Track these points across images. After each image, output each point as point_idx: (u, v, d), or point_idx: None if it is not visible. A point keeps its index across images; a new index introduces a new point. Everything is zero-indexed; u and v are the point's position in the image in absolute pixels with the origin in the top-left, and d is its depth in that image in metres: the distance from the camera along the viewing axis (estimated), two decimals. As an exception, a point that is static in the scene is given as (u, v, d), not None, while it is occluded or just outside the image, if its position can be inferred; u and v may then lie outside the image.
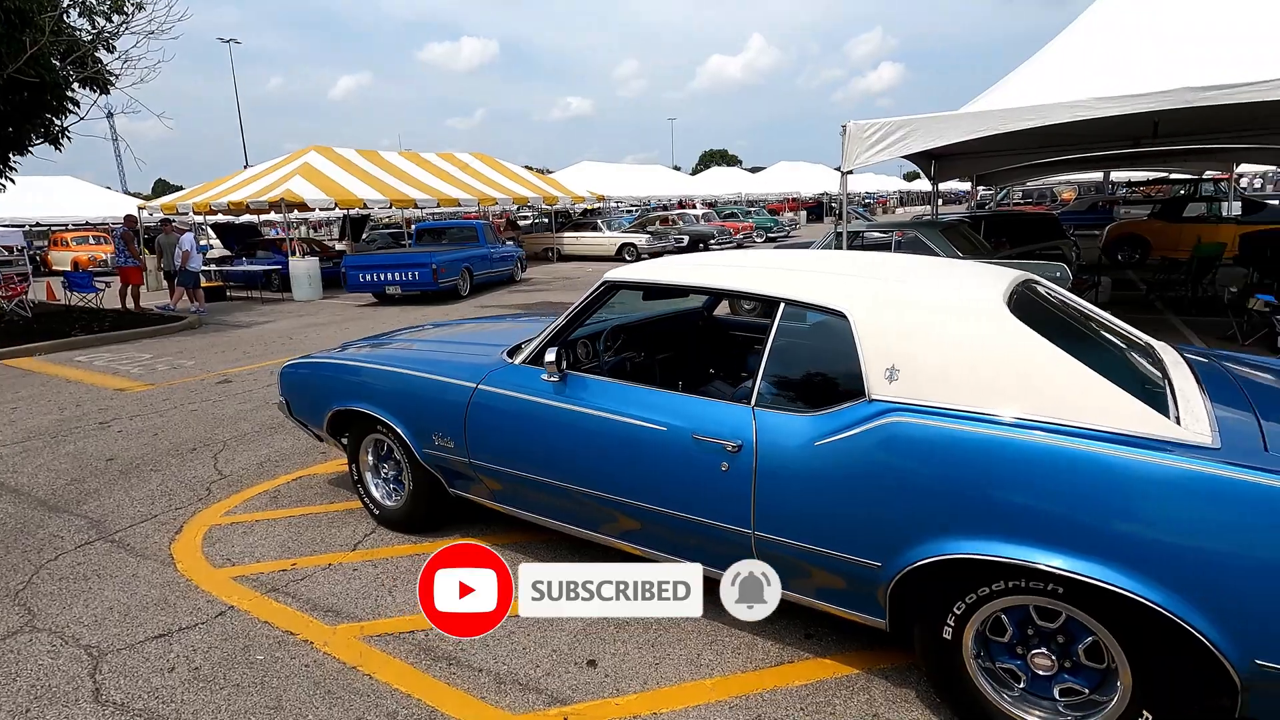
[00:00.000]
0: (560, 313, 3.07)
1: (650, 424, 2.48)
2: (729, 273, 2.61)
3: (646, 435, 2.49)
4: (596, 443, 2.62)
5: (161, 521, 3.81)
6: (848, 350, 2.20)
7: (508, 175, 22.16)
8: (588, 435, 2.64)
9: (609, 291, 2.83)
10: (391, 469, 3.58)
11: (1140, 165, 22.25)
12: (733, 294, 2.49)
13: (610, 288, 2.82)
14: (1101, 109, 6.52)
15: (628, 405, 2.57)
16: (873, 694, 2.31)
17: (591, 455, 2.64)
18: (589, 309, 2.85)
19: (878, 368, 2.11)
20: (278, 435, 5.31)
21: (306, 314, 12.58)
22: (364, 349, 3.84)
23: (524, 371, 2.90)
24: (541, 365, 2.86)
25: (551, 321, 3.98)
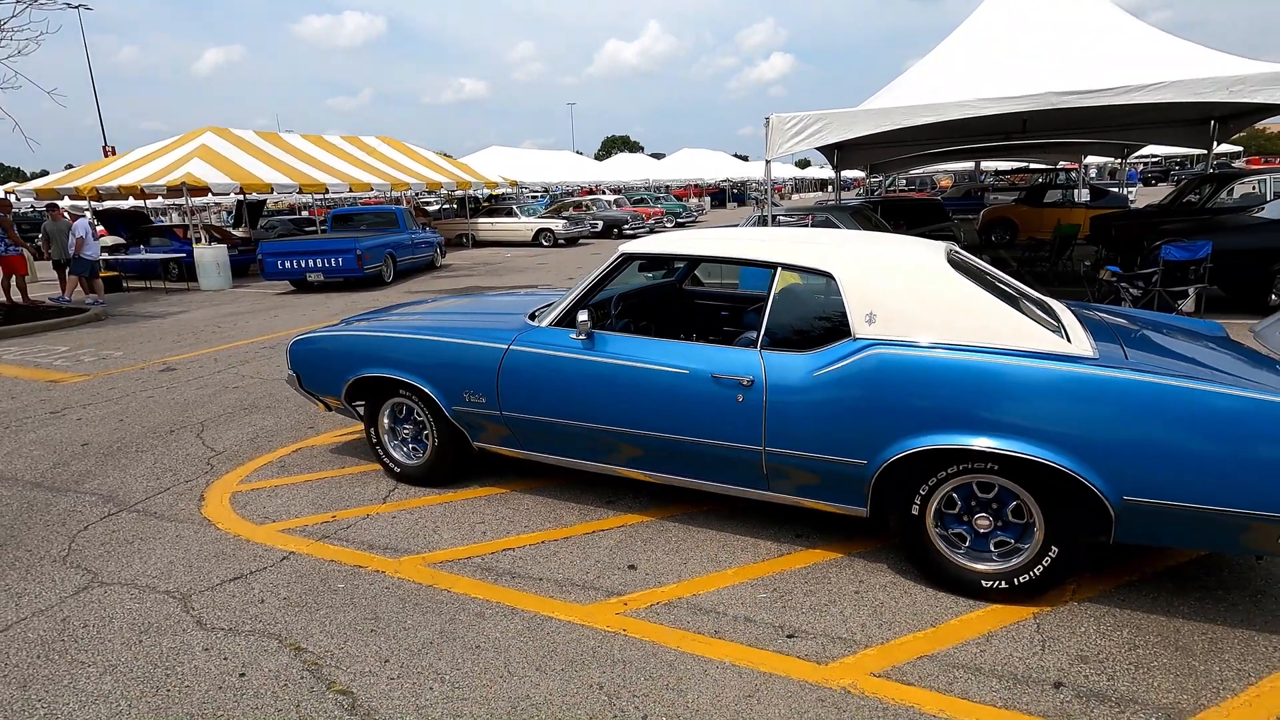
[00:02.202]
0: (578, 282, 3.55)
1: (674, 369, 3.04)
2: (731, 244, 3.18)
3: (671, 378, 3.04)
4: (626, 387, 3.14)
5: (178, 493, 3.98)
6: (834, 302, 2.84)
7: (418, 160, 21.78)
8: (618, 382, 3.15)
9: (625, 262, 3.34)
10: (410, 429, 3.94)
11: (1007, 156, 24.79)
12: (737, 261, 3.06)
13: (626, 259, 3.33)
14: (985, 108, 7.59)
15: (653, 354, 3.11)
16: (856, 569, 2.99)
17: (622, 398, 3.16)
18: (608, 278, 3.35)
19: (859, 314, 2.77)
20: (256, 414, 5.44)
21: (222, 303, 12.14)
22: (378, 323, 4.14)
23: (552, 332, 3.37)
24: (568, 326, 3.36)
25: (555, 292, 4.47)
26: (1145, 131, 12.53)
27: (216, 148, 15.70)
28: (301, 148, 18.42)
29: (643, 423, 3.15)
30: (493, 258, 18.42)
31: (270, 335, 8.85)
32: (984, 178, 34.02)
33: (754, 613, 2.69)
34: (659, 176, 39.42)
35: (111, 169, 15.57)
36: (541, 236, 21.23)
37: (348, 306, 11.04)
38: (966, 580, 2.72)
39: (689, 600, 2.79)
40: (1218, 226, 8.65)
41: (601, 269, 3.36)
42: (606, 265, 3.35)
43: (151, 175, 14.42)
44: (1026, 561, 2.63)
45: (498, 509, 3.64)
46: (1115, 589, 2.78)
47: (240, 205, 20.83)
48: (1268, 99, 6.66)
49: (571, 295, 3.40)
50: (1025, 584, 2.64)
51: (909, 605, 2.72)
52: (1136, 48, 8.68)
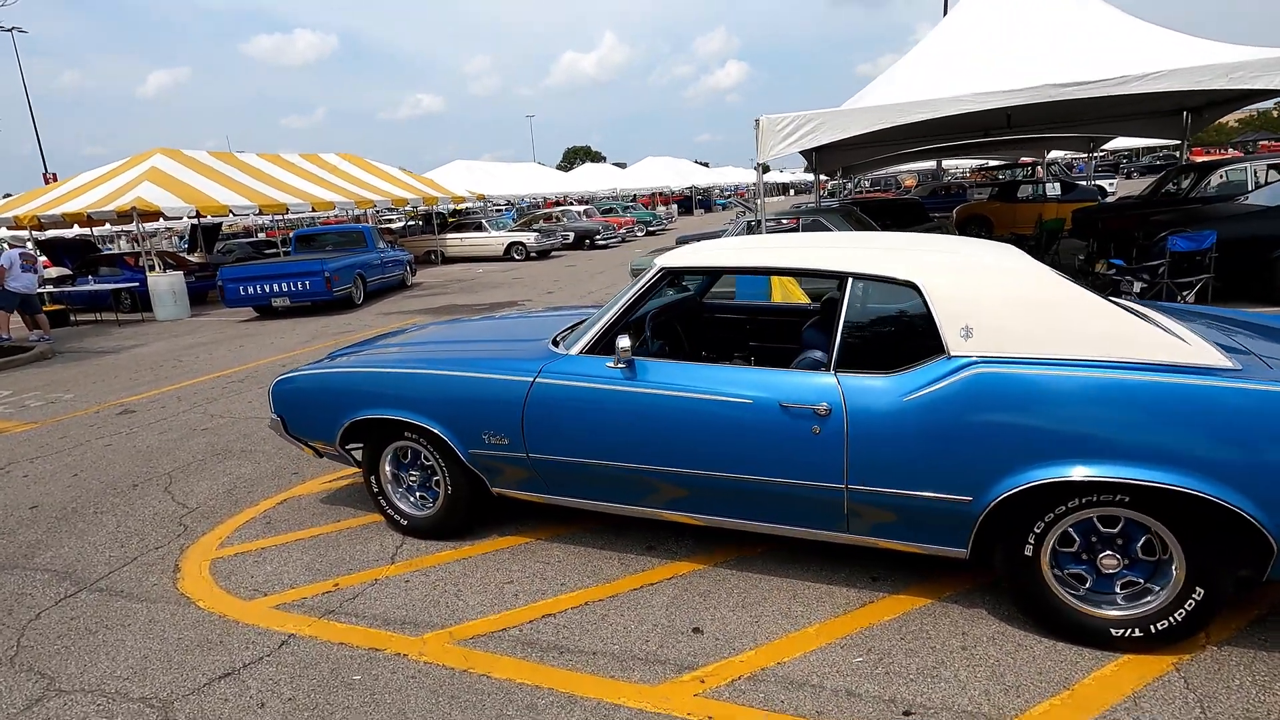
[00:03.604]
0: (609, 303, 3.14)
1: (733, 398, 2.64)
2: (789, 253, 2.80)
3: (730, 410, 2.64)
4: (677, 422, 2.73)
5: (148, 564, 3.44)
6: (917, 315, 2.48)
7: (381, 176, 21.11)
8: (667, 416, 2.74)
9: (664, 278, 2.94)
10: (417, 476, 3.47)
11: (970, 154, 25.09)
12: (798, 272, 2.69)
13: (665, 275, 2.93)
14: (981, 103, 7.40)
15: (705, 382, 2.71)
16: (952, 617, 2.62)
17: (671, 434, 2.75)
18: (644, 297, 2.95)
19: (953, 328, 2.41)
20: (230, 461, 4.89)
21: (181, 334, 11.40)
22: (372, 355, 3.66)
23: (584, 361, 2.95)
24: (602, 353, 2.94)
25: (572, 310, 4.03)
26: (1120, 124, 12.60)
27: (168, 170, 14.89)
28: (259, 167, 17.65)
29: (696, 461, 2.74)
30: (465, 274, 17.86)
31: (238, 367, 8.22)
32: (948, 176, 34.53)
33: (855, 684, 2.30)
34: (624, 186, 39.14)
35: (54, 195, 14.64)
36: (513, 250, 20.72)
37: (318, 332, 10.42)
38: (1091, 628, 2.37)
39: (775, 671, 2.38)
40: (1210, 216, 8.60)
41: (636, 287, 2.95)
42: (642, 283, 2.95)
43: (98, 201, 13.58)
44: (1164, 605, 2.28)
45: (525, 563, 3.20)
46: (1248, 627, 2.46)
47: (195, 229, 19.90)
48: (1267, 84, 6.58)
49: (603, 318, 2.99)
50: (1164, 631, 2.29)
51: (1028, 661, 2.35)
52: (1120, 38, 8.61)
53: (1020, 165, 30.32)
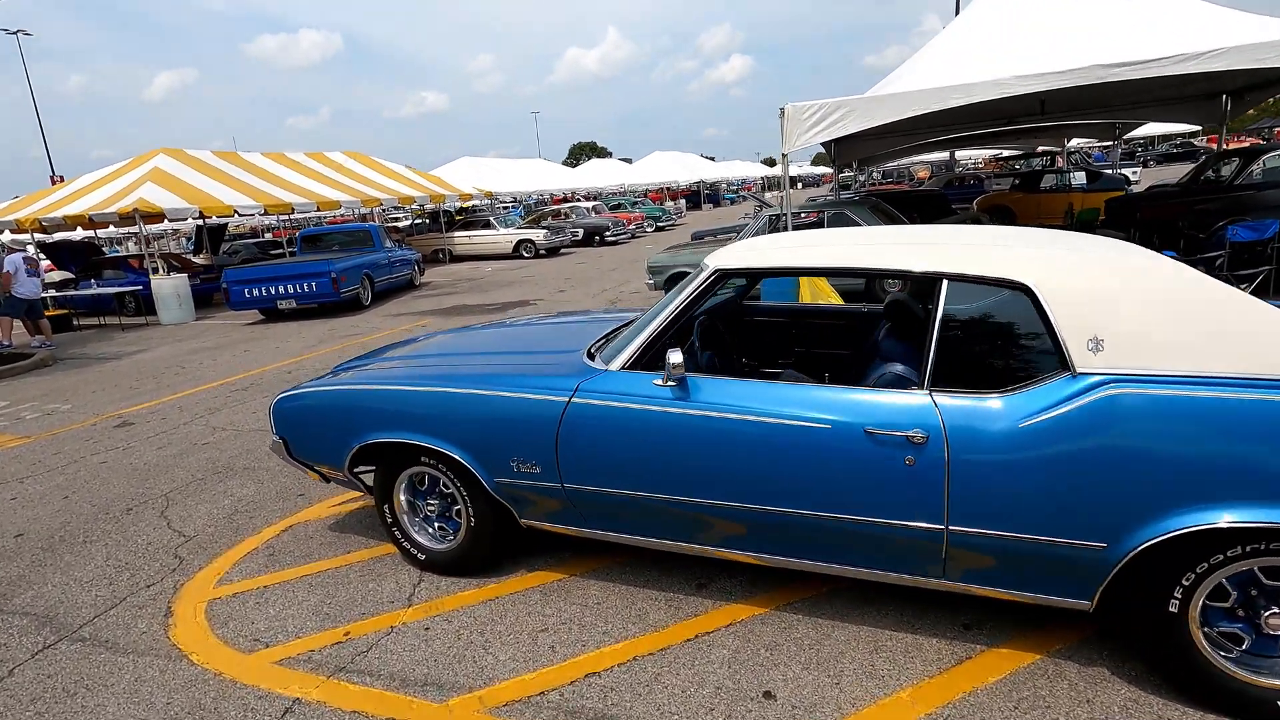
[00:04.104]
0: (652, 311, 2.75)
1: (808, 423, 2.25)
2: (868, 251, 2.41)
3: (803, 436, 2.25)
4: (739, 449, 2.35)
5: (137, 606, 3.09)
6: (1032, 324, 2.08)
7: (388, 174, 20.78)
8: (727, 442, 2.36)
9: (719, 281, 2.55)
10: (436, 505, 3.10)
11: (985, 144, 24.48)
12: (880, 272, 2.30)
13: (721, 278, 2.54)
14: (1022, 86, 6.94)
15: (771, 404, 2.32)
16: (1068, 678, 2.22)
17: (732, 464, 2.37)
18: (695, 304, 2.56)
19: (1078, 340, 2.01)
20: (232, 480, 4.53)
21: (186, 338, 11.09)
22: (382, 370, 3.29)
23: (626, 378, 2.56)
24: (648, 368, 2.56)
25: (604, 314, 3.65)
26: (1154, 109, 12.08)
27: (171, 170, 14.58)
28: (263, 166, 17.34)
29: (761, 495, 2.36)
30: (474, 273, 17.50)
31: (242, 374, 7.88)
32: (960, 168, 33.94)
33: (971, 770, 1.91)
34: (632, 181, 38.68)
35: (55, 198, 14.36)
36: (522, 248, 20.36)
37: (325, 335, 10.08)
38: (1254, 698, 1.97)
39: (870, 752, 2.00)
40: (1266, 204, 8.13)
41: (686, 293, 2.56)
42: (693, 288, 2.55)
43: (100, 203, 13.27)
44: (1347, 675, 1.89)
45: (560, 606, 2.82)
46: None
47: (200, 230, 19.65)
48: (1339, 61, 6.11)
49: (647, 328, 2.60)
50: (1348, 706, 1.89)
51: (1176, 740, 1.96)
52: (1163, 14, 8.13)
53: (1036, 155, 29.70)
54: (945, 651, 2.39)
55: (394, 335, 9.52)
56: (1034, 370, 2.08)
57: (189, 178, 14.65)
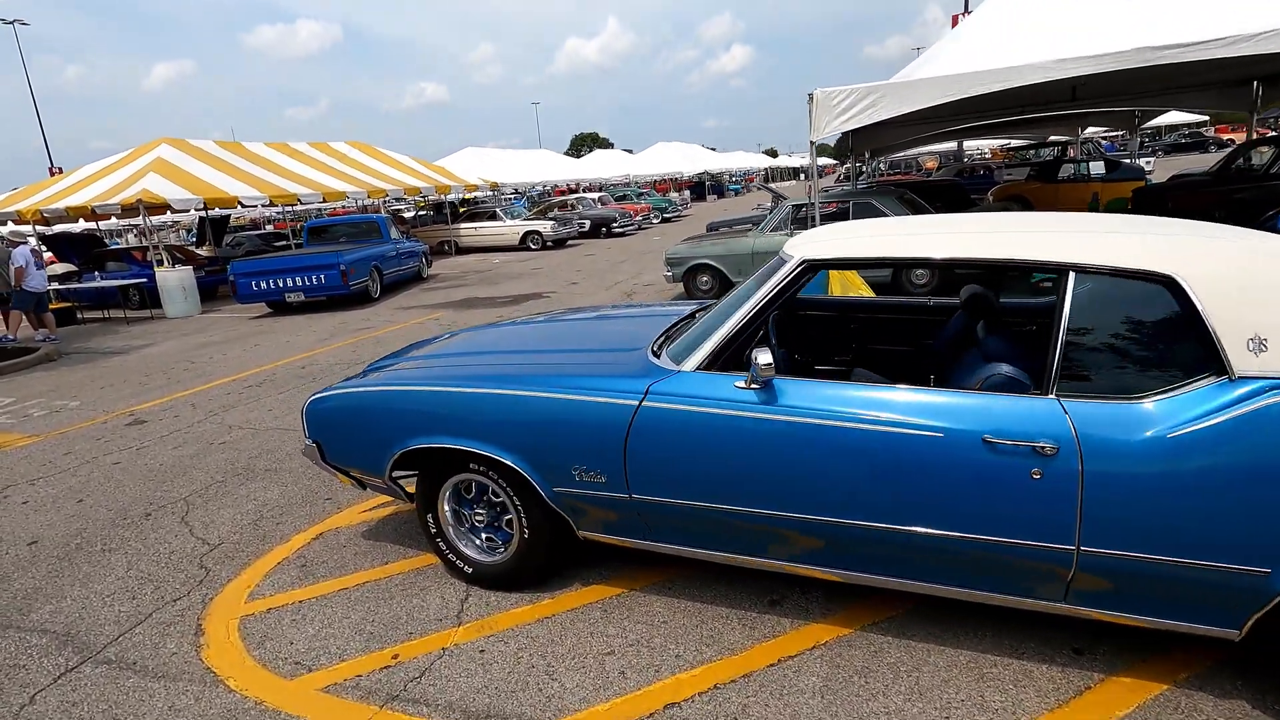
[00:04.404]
0: (728, 305, 2.53)
1: (916, 430, 2.03)
2: (978, 241, 2.18)
3: (912, 444, 2.04)
4: (835, 459, 2.13)
5: (164, 623, 2.87)
6: (1178, 321, 1.86)
7: (393, 164, 20.48)
8: (821, 451, 2.14)
9: (807, 273, 2.32)
10: (484, 514, 2.88)
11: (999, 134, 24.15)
12: (998, 263, 2.07)
13: (809, 269, 2.31)
14: (1063, 70, 6.69)
15: (874, 409, 2.10)
16: (1205, 711, 2.01)
17: (827, 475, 2.15)
18: (779, 298, 2.33)
19: (1236, 339, 1.79)
20: (254, 483, 4.32)
21: (192, 332, 10.86)
22: (424, 369, 3.07)
23: (703, 379, 2.34)
24: (727, 369, 2.34)
25: (661, 307, 3.41)
26: (1184, 95, 11.79)
27: (174, 160, 14.31)
28: (267, 156, 17.05)
29: (856, 509, 2.15)
30: (481, 264, 17.26)
31: (254, 369, 7.66)
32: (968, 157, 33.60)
33: (1122, 824, 1.70)
34: (636, 172, 38.33)
35: (57, 189, 14.09)
36: (529, 239, 20.10)
37: (336, 329, 9.85)
38: None
39: (1001, 801, 1.79)
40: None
41: (769, 286, 2.33)
42: (778, 280, 2.33)
43: (102, 194, 13.02)
44: None
45: (623, 625, 2.61)
46: None
47: (203, 222, 19.37)
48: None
49: (724, 325, 2.37)
50: None
51: (1345, 787, 1.75)
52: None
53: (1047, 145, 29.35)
54: (1060, 681, 2.18)
55: (407, 329, 9.30)
56: (1177, 374, 1.86)
57: (192, 168, 14.38)
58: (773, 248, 9.16)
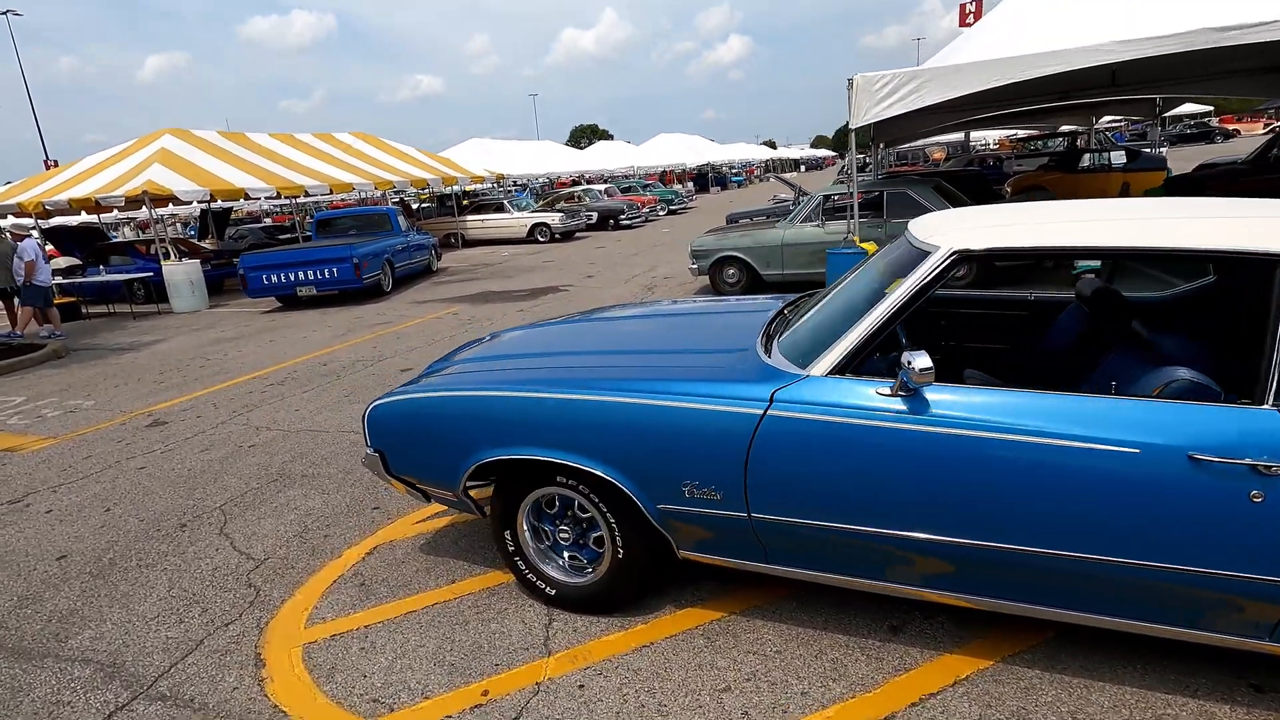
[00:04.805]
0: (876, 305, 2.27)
1: (1104, 445, 1.78)
2: (1171, 229, 1.92)
3: (1101, 461, 1.78)
4: (1001, 477, 1.88)
5: (218, 651, 2.62)
6: None
7: (398, 156, 20.12)
8: (985, 468, 1.89)
9: (956, 265, 2.06)
10: (569, 531, 2.63)
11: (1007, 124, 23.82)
12: (1197, 256, 1.82)
13: (961, 259, 2.05)
14: (1121, 52, 6.42)
15: (1054, 422, 1.84)
16: None
17: (989, 494, 1.90)
18: (927, 291, 2.07)
19: None
20: (291, 489, 4.06)
21: (202, 327, 10.56)
22: (496, 371, 2.81)
23: (837, 385, 2.08)
24: (858, 374, 2.08)
25: (757, 303, 3.13)
26: (1217, 81, 11.51)
27: (178, 151, 13.95)
28: (271, 148, 16.69)
29: (1019, 532, 1.90)
30: (490, 258, 16.97)
31: (274, 366, 7.38)
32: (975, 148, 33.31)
33: None
34: (640, 163, 37.94)
35: (59, 181, 13.74)
36: (537, 232, 19.80)
37: (352, 324, 9.57)
38: None
39: None
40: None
41: (915, 280, 2.07)
42: (924, 274, 2.06)
43: (106, 185, 12.67)
44: None
45: (733, 656, 2.36)
46: None
47: (204, 214, 19.01)
48: None
49: (861, 324, 2.11)
50: None
51: None
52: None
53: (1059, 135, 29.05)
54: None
55: (425, 324, 9.02)
56: None
57: (197, 159, 14.03)
58: (803, 240, 8.90)
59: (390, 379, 6.34)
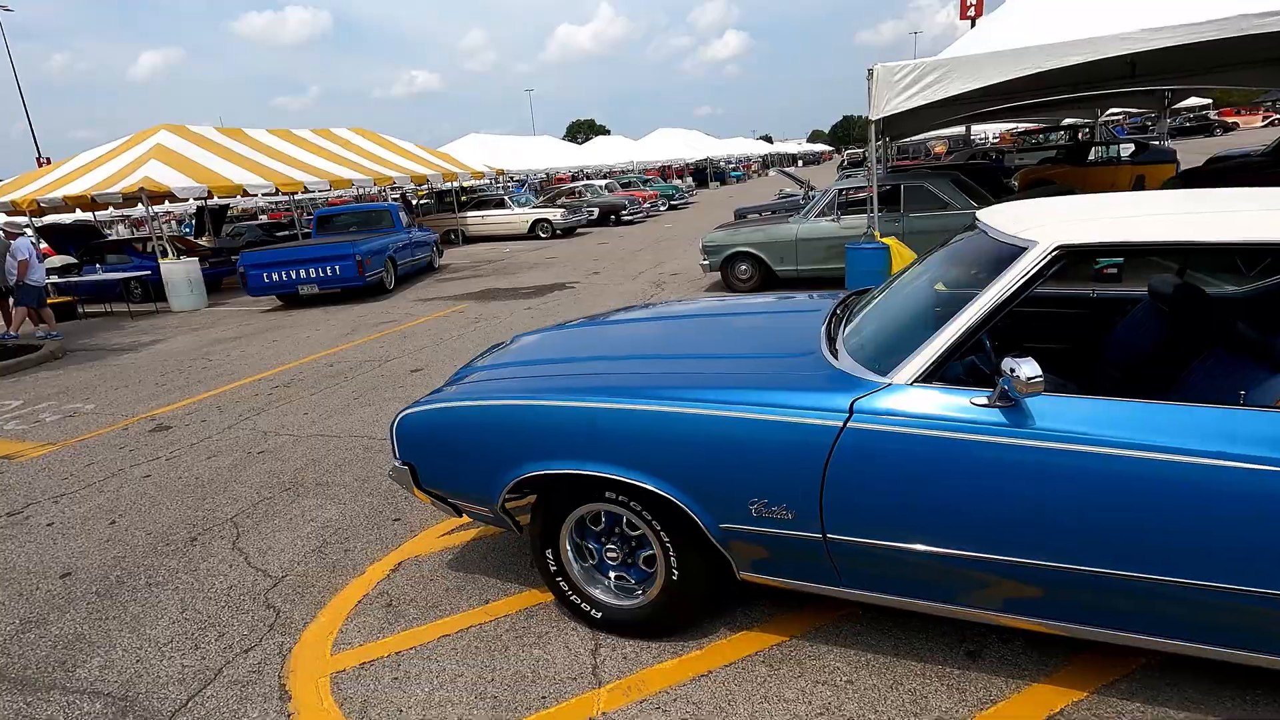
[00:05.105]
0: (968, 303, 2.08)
1: (1250, 463, 1.59)
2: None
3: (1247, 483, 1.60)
4: (1122, 497, 1.69)
5: (239, 681, 2.43)
6: None
7: (398, 152, 19.85)
8: (1102, 487, 1.70)
9: (1057, 262, 1.87)
10: (617, 550, 2.44)
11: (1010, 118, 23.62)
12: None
13: (1063, 255, 1.86)
14: (1152, 40, 6.25)
15: (1178, 436, 1.66)
16: None
17: (1105, 516, 1.71)
18: (1025, 289, 1.88)
19: None
20: (305, 499, 3.86)
21: (202, 327, 10.34)
22: (536, 376, 2.61)
23: (925, 393, 1.89)
24: (945, 381, 1.90)
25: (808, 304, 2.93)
26: (1230, 73, 11.33)
27: (175, 147, 13.69)
28: (270, 144, 16.43)
29: (1129, 558, 1.72)
30: (492, 254, 16.75)
31: (278, 367, 7.17)
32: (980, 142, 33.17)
33: None
34: (640, 158, 37.68)
35: (53, 178, 13.47)
36: (538, 228, 19.57)
37: (356, 323, 9.36)
38: None
39: None
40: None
41: (1012, 278, 1.88)
42: (1021, 272, 1.87)
43: (102, 182, 12.42)
44: None
45: (801, 686, 2.18)
46: None
47: (201, 212, 18.75)
48: None
49: (949, 326, 1.92)
50: None
51: None
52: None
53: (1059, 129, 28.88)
54: (1384, 764, 1.76)
55: (432, 323, 8.82)
56: None
57: (195, 155, 13.78)
58: (818, 235, 8.71)
59: (400, 380, 6.14)
